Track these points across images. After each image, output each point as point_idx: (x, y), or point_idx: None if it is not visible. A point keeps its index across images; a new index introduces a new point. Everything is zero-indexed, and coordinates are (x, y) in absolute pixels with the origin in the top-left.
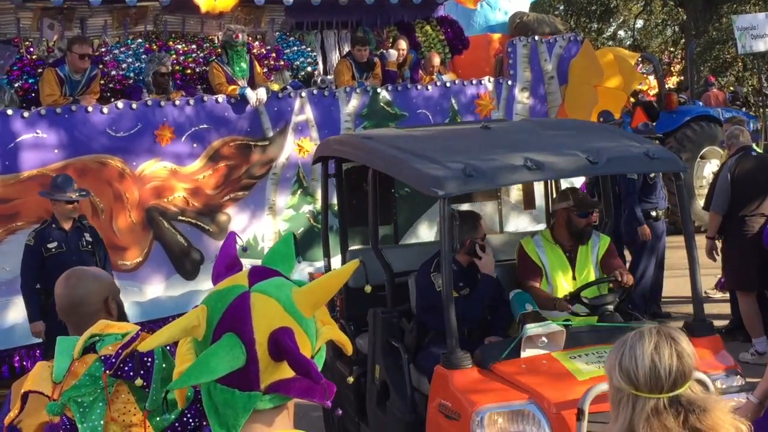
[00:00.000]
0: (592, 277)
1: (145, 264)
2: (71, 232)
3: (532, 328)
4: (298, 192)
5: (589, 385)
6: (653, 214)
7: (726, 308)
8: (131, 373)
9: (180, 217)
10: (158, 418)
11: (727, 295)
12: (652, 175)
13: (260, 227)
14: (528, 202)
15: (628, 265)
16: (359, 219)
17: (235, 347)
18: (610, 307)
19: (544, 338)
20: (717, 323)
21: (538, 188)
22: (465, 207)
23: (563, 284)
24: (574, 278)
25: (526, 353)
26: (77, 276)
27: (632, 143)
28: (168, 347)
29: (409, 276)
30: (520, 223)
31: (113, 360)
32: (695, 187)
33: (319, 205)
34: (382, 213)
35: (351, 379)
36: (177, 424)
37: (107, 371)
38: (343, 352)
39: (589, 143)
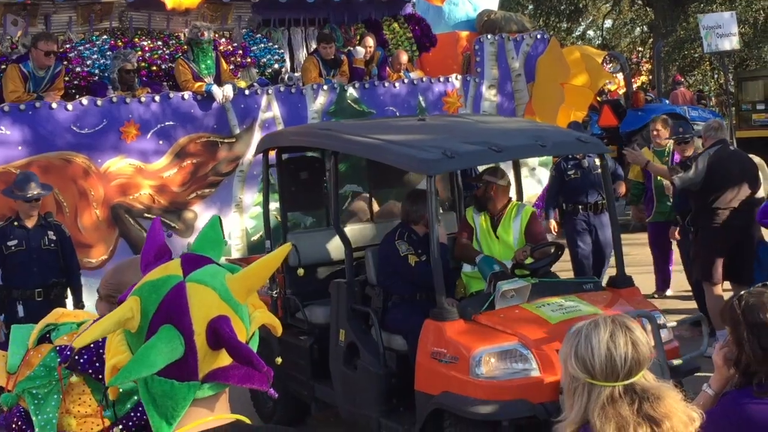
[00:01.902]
0: (512, 240)
1: (111, 261)
2: (33, 230)
3: (505, 284)
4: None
5: (561, 327)
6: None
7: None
8: (87, 366)
9: (146, 215)
10: (116, 408)
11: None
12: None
13: (227, 224)
14: None
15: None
16: (297, 205)
17: (173, 339)
18: (547, 270)
19: (513, 292)
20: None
21: None
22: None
23: (487, 242)
24: (497, 237)
25: (500, 305)
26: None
27: (556, 131)
28: None
29: (365, 250)
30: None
31: (68, 352)
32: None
33: (315, 207)
34: (316, 199)
35: (279, 360)
36: (133, 414)
37: (62, 363)
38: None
39: (532, 131)
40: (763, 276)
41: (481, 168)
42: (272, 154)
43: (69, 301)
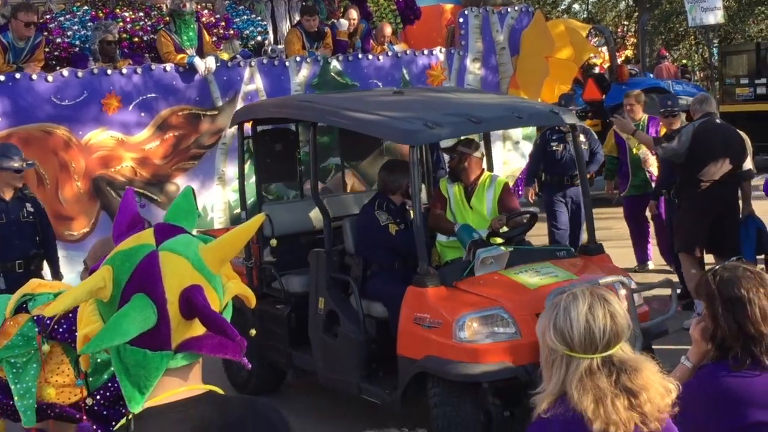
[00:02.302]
0: (485, 210)
1: (92, 234)
2: (12, 203)
3: (485, 252)
4: (248, 162)
5: (540, 292)
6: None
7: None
8: (66, 335)
9: (128, 187)
10: (90, 379)
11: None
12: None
13: (210, 197)
14: None
15: None
16: (272, 176)
17: (146, 308)
18: (520, 238)
19: (492, 259)
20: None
21: None
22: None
23: (462, 212)
24: (470, 207)
25: (479, 272)
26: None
27: (530, 103)
28: None
29: (343, 220)
30: None
31: (48, 321)
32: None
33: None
34: (290, 171)
35: (253, 332)
36: (110, 384)
37: (41, 333)
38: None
39: (507, 103)
40: (750, 251)
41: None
42: (248, 126)
43: (46, 272)
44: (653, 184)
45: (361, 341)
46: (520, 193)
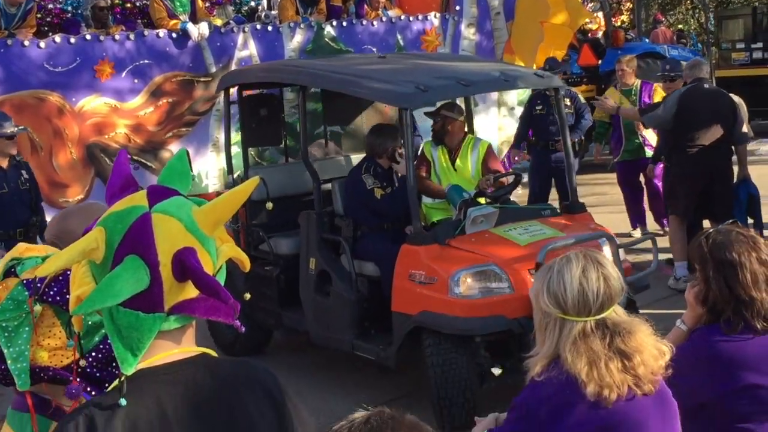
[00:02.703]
0: (470, 172)
1: (88, 201)
2: (10, 171)
3: (475, 211)
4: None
5: (529, 249)
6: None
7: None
8: (57, 298)
9: (121, 149)
10: (82, 341)
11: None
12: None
13: (204, 164)
14: None
15: None
16: (258, 141)
17: (138, 269)
18: (506, 197)
19: (482, 218)
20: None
21: None
22: None
23: (446, 175)
24: (455, 170)
25: (470, 230)
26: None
27: (514, 67)
28: None
29: (332, 183)
30: None
31: (39, 284)
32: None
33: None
34: (274, 135)
35: (248, 296)
36: (102, 346)
37: (32, 296)
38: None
39: (492, 67)
40: (740, 216)
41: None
42: (234, 91)
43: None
44: (647, 149)
45: (354, 300)
46: (516, 158)
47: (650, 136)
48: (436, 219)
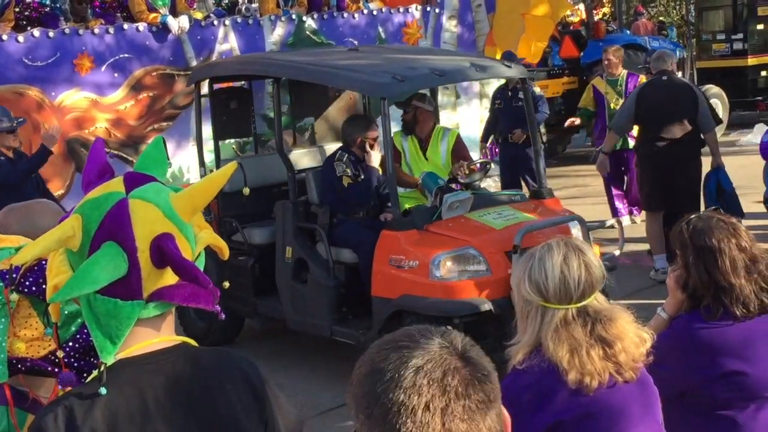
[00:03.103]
0: (440, 161)
1: (68, 196)
2: (16, 160)
3: (451, 197)
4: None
5: (505, 233)
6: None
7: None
8: (33, 288)
9: (97, 137)
10: (60, 331)
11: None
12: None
13: (185, 158)
14: None
15: None
16: (228, 133)
17: (116, 256)
18: (477, 184)
19: (458, 203)
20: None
21: None
22: None
23: (417, 164)
24: (426, 159)
25: (446, 216)
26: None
27: (483, 58)
28: None
29: (306, 172)
30: None
31: (15, 275)
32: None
33: (244, 135)
34: (245, 128)
35: (227, 284)
36: (78, 336)
37: (8, 286)
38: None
39: (461, 58)
40: (708, 206)
41: None
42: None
43: None
44: (630, 141)
45: (332, 286)
46: (497, 150)
47: (634, 129)
48: (408, 207)
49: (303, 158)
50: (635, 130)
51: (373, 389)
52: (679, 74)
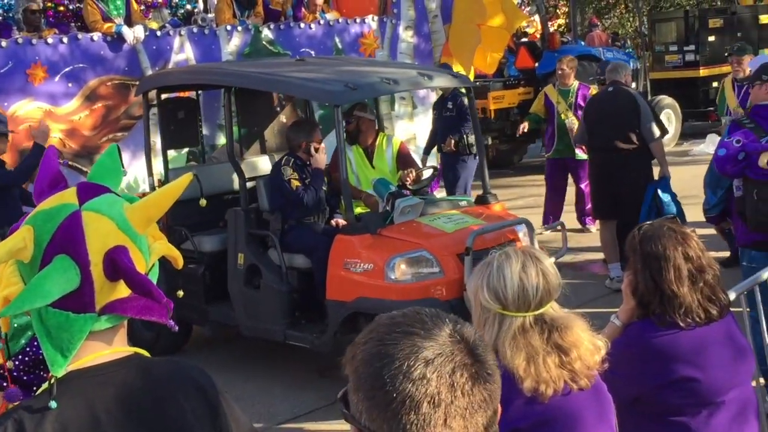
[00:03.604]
0: (387, 168)
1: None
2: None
3: (403, 202)
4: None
5: (456, 236)
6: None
7: None
8: None
9: (58, 160)
10: (9, 344)
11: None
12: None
13: (140, 168)
14: None
15: None
16: (176, 143)
17: (68, 269)
18: (425, 190)
19: (410, 208)
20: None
21: None
22: None
23: (364, 172)
24: (373, 167)
25: (398, 220)
26: None
27: (431, 68)
28: None
29: (256, 180)
30: None
31: None
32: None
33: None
34: (192, 137)
35: (180, 293)
36: (28, 349)
37: None
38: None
39: (409, 68)
40: (643, 215)
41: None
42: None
43: None
44: (577, 151)
45: (285, 291)
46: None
47: None
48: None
49: (252, 167)
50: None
51: (379, 373)
52: (633, 85)
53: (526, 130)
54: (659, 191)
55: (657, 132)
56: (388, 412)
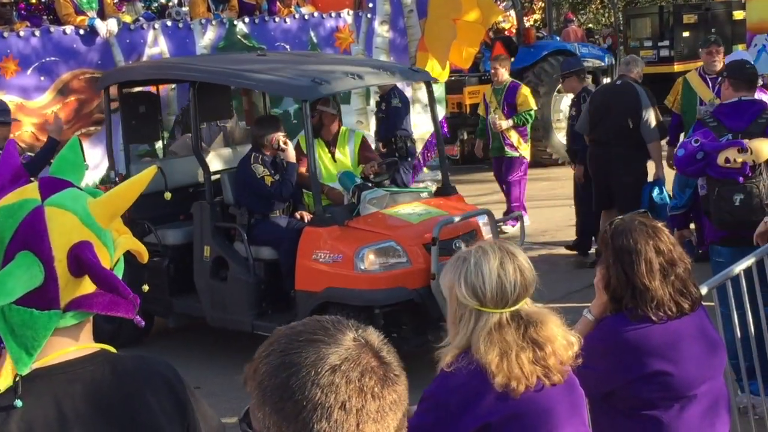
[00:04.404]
0: (349, 162)
1: None
2: None
3: (369, 194)
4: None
5: (422, 226)
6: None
7: None
8: None
9: (29, 154)
10: None
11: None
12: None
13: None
14: None
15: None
16: (137, 137)
17: (32, 266)
18: (386, 182)
19: (375, 200)
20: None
21: None
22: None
23: (326, 166)
24: (335, 161)
25: (364, 212)
26: None
27: (392, 63)
28: None
29: (221, 174)
30: None
31: None
32: (553, 120)
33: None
34: (153, 131)
35: (146, 287)
36: None
37: None
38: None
39: (370, 63)
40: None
41: None
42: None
43: None
44: (507, 149)
45: (252, 282)
46: (430, 155)
47: (513, 137)
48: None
49: (214, 160)
50: (514, 138)
51: (286, 383)
52: (607, 80)
53: (480, 150)
54: (654, 194)
55: (655, 132)
56: (298, 422)
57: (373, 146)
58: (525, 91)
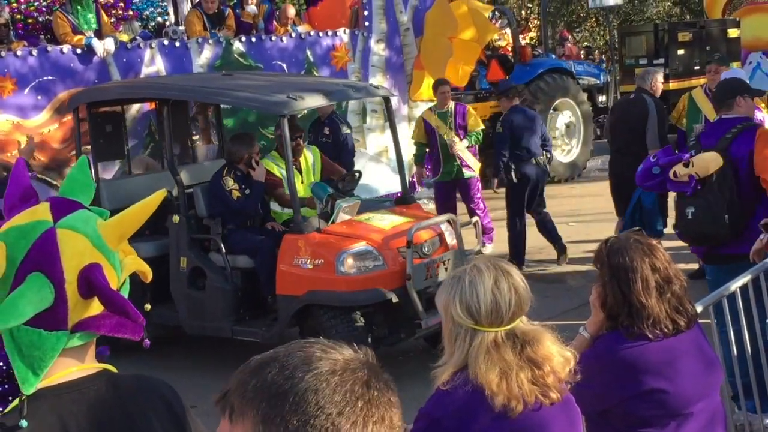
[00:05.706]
0: (312, 177)
1: None
2: None
3: (343, 203)
4: (150, 145)
5: (394, 232)
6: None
7: None
8: None
9: (18, 158)
10: None
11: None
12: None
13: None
14: None
15: None
16: (105, 155)
17: (43, 287)
18: (352, 192)
19: (348, 208)
20: None
21: None
22: None
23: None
24: (302, 182)
25: (339, 219)
26: None
27: (357, 82)
28: None
29: (194, 188)
30: None
31: None
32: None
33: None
34: (119, 149)
35: (148, 306)
36: (1, 363)
37: None
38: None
39: (335, 82)
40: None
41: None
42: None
43: None
44: (465, 170)
45: (230, 290)
46: (428, 174)
47: (468, 158)
48: (285, 220)
49: (184, 175)
50: (470, 160)
51: (282, 404)
52: (602, 98)
53: (422, 177)
54: (642, 197)
55: (655, 141)
56: None
57: (384, 164)
58: (472, 111)
